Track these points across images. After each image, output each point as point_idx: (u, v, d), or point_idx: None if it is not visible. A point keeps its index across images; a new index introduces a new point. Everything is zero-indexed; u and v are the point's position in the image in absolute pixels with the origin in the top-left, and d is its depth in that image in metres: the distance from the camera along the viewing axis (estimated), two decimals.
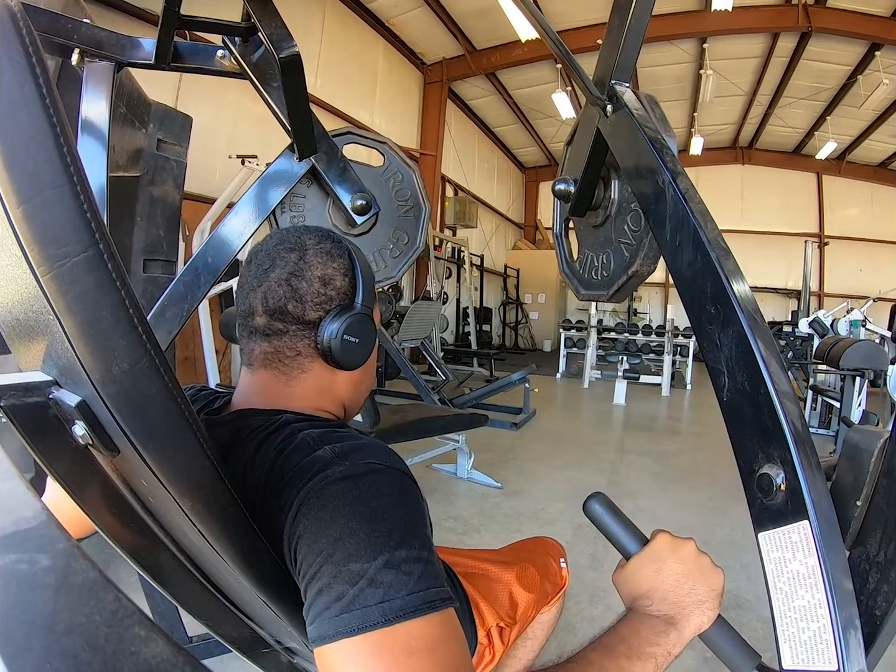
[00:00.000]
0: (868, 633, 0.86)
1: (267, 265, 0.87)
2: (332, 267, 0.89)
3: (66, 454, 0.59)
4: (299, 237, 0.90)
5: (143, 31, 5.76)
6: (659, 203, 1.03)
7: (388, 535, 0.64)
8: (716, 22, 10.13)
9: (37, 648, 0.31)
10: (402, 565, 0.62)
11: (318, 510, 0.66)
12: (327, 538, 0.64)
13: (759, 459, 0.81)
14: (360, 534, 0.63)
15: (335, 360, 0.88)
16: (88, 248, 0.47)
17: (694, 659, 2.24)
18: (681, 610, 0.81)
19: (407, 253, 1.92)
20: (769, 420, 0.78)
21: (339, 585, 0.61)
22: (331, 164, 1.77)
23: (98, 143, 1.55)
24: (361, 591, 0.60)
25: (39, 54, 0.46)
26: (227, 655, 1.98)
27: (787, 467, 0.75)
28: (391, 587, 0.60)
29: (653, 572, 0.83)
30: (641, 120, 1.10)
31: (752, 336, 0.82)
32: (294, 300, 0.86)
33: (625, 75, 1.20)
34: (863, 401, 5.12)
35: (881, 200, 16.59)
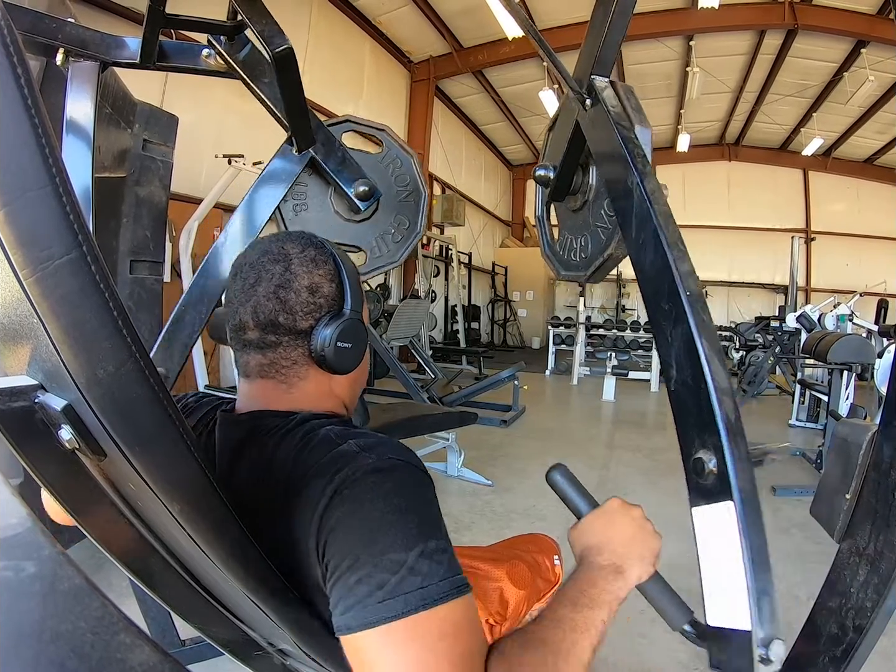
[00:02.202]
0: (858, 626, 0.87)
1: (253, 279, 0.87)
2: (318, 274, 0.89)
3: (53, 459, 0.59)
4: (282, 247, 0.89)
5: (129, 30, 5.72)
6: (626, 201, 1.07)
7: (420, 527, 0.70)
8: (702, 19, 10.17)
9: (23, 657, 0.31)
10: (433, 555, 0.68)
11: (353, 502, 0.70)
12: (363, 530, 0.68)
13: (696, 445, 0.88)
14: (397, 525, 0.69)
15: (330, 367, 0.89)
16: (72, 250, 0.46)
17: (687, 653, 2.25)
18: (626, 560, 0.90)
19: (408, 237, 1.93)
20: (706, 412, 0.86)
21: (381, 574, 0.65)
22: (330, 154, 1.79)
23: (83, 143, 1.54)
24: (402, 579, 0.65)
25: (21, 54, 0.45)
26: (219, 658, 1.97)
27: (718, 454, 0.84)
28: (427, 575, 0.66)
29: (604, 527, 0.94)
30: (616, 117, 1.12)
31: (698, 336, 0.88)
32: (284, 312, 0.86)
33: (605, 70, 1.21)
34: (850, 394, 5.16)
35: (867, 196, 16.72)
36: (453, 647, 0.65)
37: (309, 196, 1.88)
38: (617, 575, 0.88)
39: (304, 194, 1.88)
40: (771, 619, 0.81)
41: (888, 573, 0.84)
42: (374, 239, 1.93)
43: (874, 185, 16.58)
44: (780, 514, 3.85)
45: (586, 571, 0.88)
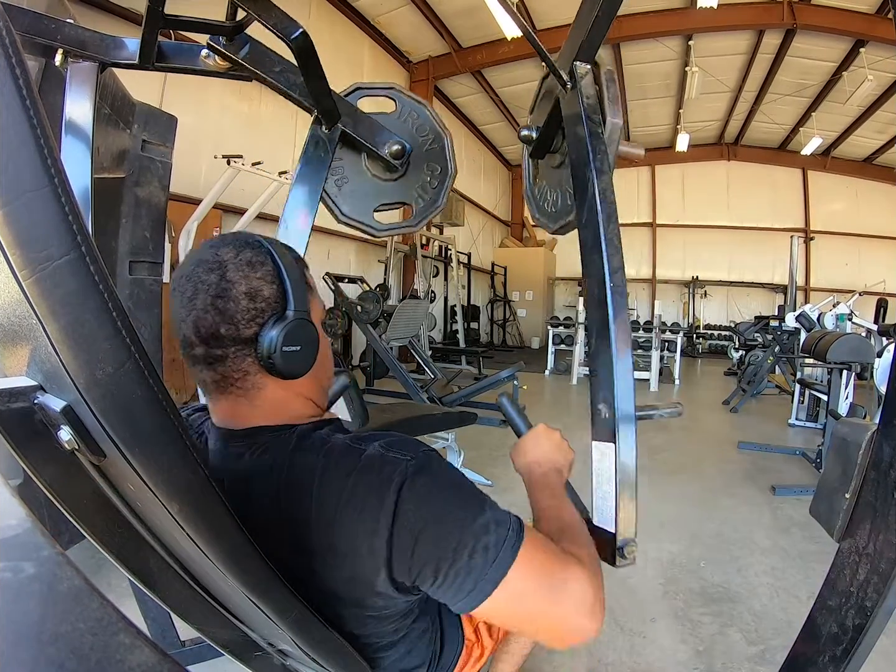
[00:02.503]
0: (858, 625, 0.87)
1: (190, 292, 0.83)
2: (255, 278, 0.85)
3: (52, 459, 0.59)
4: (216, 253, 0.85)
5: (127, 30, 5.72)
6: (581, 191, 1.27)
7: (476, 493, 0.84)
8: (701, 19, 10.19)
9: (22, 658, 0.31)
10: (495, 511, 0.82)
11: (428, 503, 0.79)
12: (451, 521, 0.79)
13: (599, 399, 1.20)
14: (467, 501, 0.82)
15: (281, 373, 0.86)
16: (70, 250, 0.47)
17: (686, 653, 2.25)
18: (557, 466, 1.18)
19: (444, 180, 1.99)
20: (608, 376, 1.16)
21: (482, 539, 0.78)
22: (357, 123, 1.83)
23: (82, 144, 1.54)
24: (497, 533, 0.79)
25: (20, 55, 0.45)
26: (219, 659, 1.97)
27: (610, 410, 1.15)
28: (503, 519, 0.81)
29: (537, 445, 1.22)
30: (589, 110, 1.27)
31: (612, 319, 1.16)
32: (225, 323, 0.83)
33: (588, 56, 1.30)
34: (850, 394, 5.16)
35: (866, 195, 16.74)
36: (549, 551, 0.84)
37: (346, 169, 1.93)
38: (558, 474, 1.17)
39: (342, 168, 1.92)
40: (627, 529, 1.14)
41: (888, 572, 0.84)
42: (415, 190, 2.00)
43: (873, 184, 16.59)
44: (780, 513, 3.85)
45: (542, 477, 1.15)
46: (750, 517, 3.77)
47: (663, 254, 18.44)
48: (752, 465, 5.00)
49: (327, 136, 1.80)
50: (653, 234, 18.43)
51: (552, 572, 0.82)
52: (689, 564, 3.02)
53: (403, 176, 1.97)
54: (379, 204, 1.98)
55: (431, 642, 1.14)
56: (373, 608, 0.89)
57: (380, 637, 0.99)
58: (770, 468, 4.88)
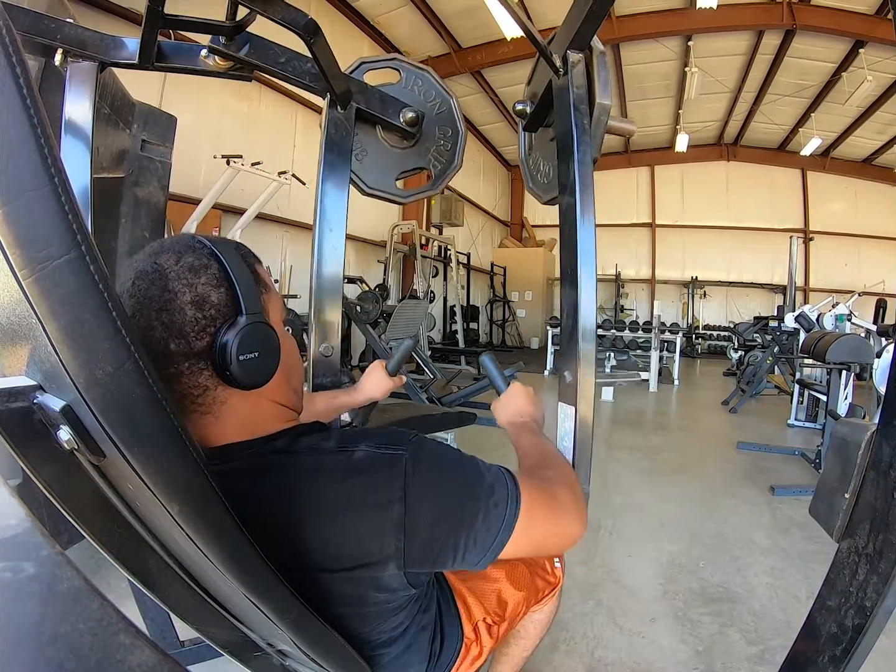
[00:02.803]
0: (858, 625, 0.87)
1: (132, 309, 0.77)
2: (200, 284, 0.78)
3: (51, 459, 0.59)
4: (155, 262, 0.79)
5: (127, 30, 5.72)
6: (565, 178, 1.35)
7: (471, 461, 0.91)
8: (701, 19, 10.20)
9: (22, 658, 0.31)
10: (485, 464, 0.91)
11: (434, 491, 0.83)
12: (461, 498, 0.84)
13: (564, 364, 1.36)
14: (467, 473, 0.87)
15: (241, 384, 0.80)
16: (70, 250, 0.46)
17: (686, 653, 2.25)
18: (533, 417, 1.35)
19: (456, 140, 2.03)
20: (573, 346, 1.31)
21: (490, 499, 0.85)
22: (369, 98, 1.88)
23: (82, 144, 1.53)
24: (500, 493, 0.86)
25: (20, 54, 0.45)
26: (219, 659, 1.97)
27: (572, 375, 1.32)
28: (499, 476, 0.89)
29: (514, 401, 1.38)
30: (577, 100, 1.32)
31: (582, 300, 1.29)
32: (173, 338, 0.77)
33: (581, 45, 1.32)
34: (849, 394, 5.16)
35: (865, 196, 16.75)
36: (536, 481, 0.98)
37: (363, 142, 1.96)
38: (535, 424, 1.32)
39: (359, 142, 1.94)
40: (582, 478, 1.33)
41: (888, 572, 0.84)
42: (431, 155, 2.03)
43: (872, 184, 16.61)
44: (780, 513, 3.85)
45: (524, 424, 1.30)
46: (749, 517, 3.76)
47: (662, 254, 18.45)
48: (751, 465, 5.00)
49: (344, 116, 1.82)
50: (652, 235, 18.44)
51: (547, 500, 0.94)
52: (688, 564, 3.02)
53: (418, 142, 2.01)
54: (399, 172, 2.01)
55: (430, 640, 1.13)
56: (373, 604, 0.90)
57: (379, 635, 0.98)
58: (769, 468, 4.88)
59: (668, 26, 10.72)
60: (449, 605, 1.26)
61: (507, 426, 1.34)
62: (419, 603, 1.07)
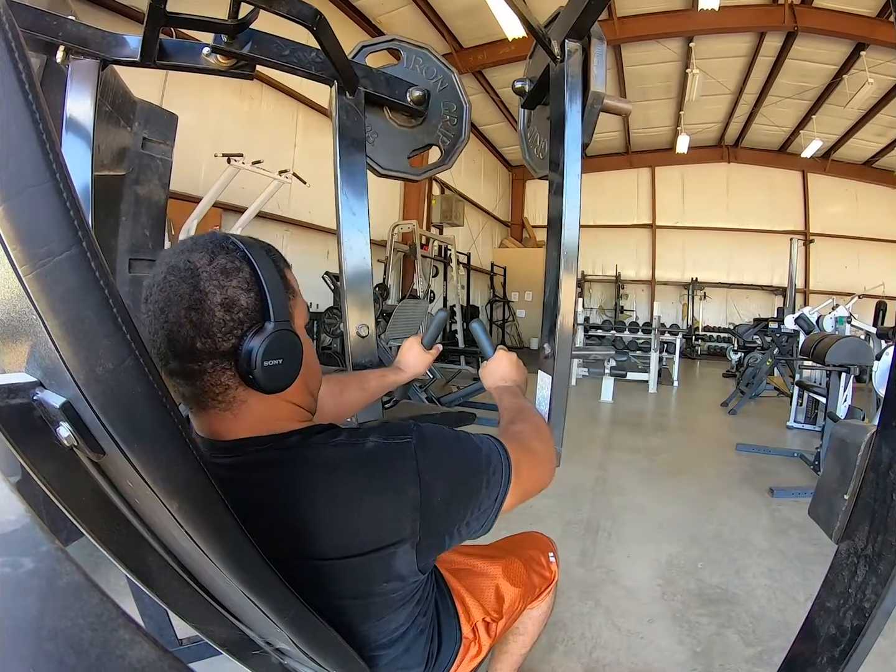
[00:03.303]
0: (857, 626, 0.87)
1: (162, 303, 0.78)
2: (231, 287, 0.80)
3: (51, 456, 0.59)
4: (188, 260, 0.80)
5: (129, 28, 5.72)
6: (555, 165, 1.39)
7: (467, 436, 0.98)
8: (703, 21, 10.20)
9: (21, 653, 0.31)
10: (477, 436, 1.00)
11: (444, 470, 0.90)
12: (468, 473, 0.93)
13: (545, 337, 1.47)
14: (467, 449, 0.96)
15: (263, 389, 0.82)
16: (71, 246, 0.46)
17: (684, 653, 2.25)
18: (517, 382, 1.50)
19: (461, 115, 2.07)
20: (554, 320, 1.41)
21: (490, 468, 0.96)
22: (376, 82, 1.87)
23: (83, 141, 1.54)
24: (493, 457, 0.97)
25: (22, 51, 0.45)
26: (217, 658, 1.96)
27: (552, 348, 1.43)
28: (491, 445, 1.00)
29: (500, 366, 1.53)
30: (571, 90, 1.33)
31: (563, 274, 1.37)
32: (200, 337, 0.78)
33: (578, 34, 1.32)
34: (849, 396, 5.16)
35: (866, 198, 16.75)
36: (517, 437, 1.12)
37: (372, 125, 1.96)
38: (518, 389, 1.46)
39: (369, 125, 1.94)
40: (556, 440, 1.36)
41: (886, 574, 0.84)
42: (439, 131, 2.05)
43: (873, 187, 16.60)
44: (779, 514, 3.85)
45: (507, 388, 1.44)
46: (748, 519, 3.76)
47: (663, 255, 18.44)
48: (750, 466, 5.00)
49: (354, 101, 1.83)
50: (652, 236, 18.44)
51: (527, 454, 1.08)
52: (687, 566, 3.02)
53: (425, 120, 2.02)
54: (411, 150, 2.03)
55: (429, 641, 1.14)
56: (380, 594, 0.92)
57: (378, 636, 0.99)
58: (768, 470, 4.89)
59: (669, 27, 10.72)
60: (447, 607, 1.26)
61: (493, 390, 1.49)
62: (420, 606, 1.07)
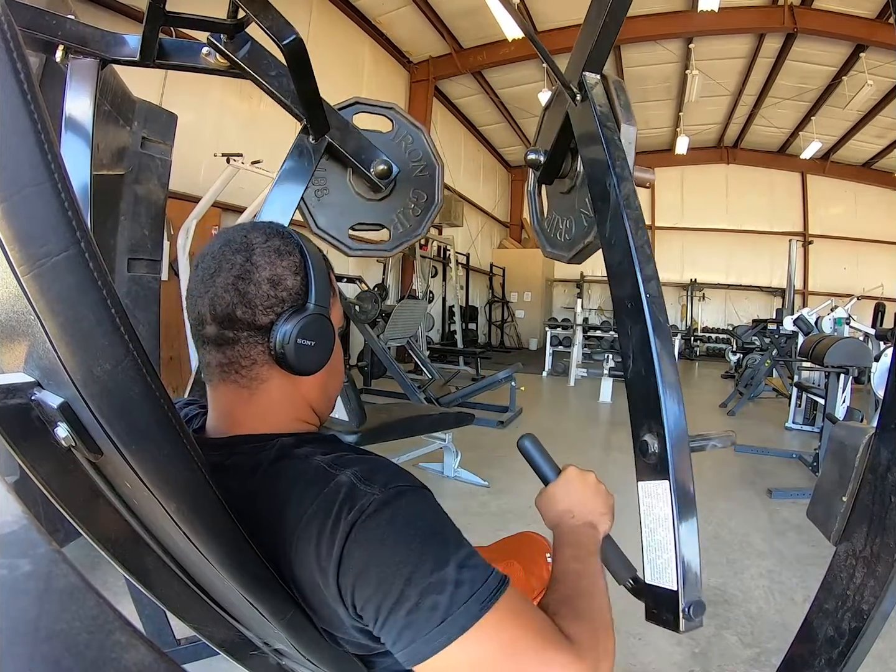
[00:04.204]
0: (855, 628, 0.87)
1: (213, 269, 0.81)
2: (281, 266, 0.83)
3: (49, 456, 0.58)
4: (245, 236, 0.84)
5: (128, 27, 5.71)
6: (604, 202, 1.16)
7: (446, 543, 0.71)
8: (702, 22, 10.18)
9: (18, 655, 0.31)
10: (468, 560, 0.70)
11: (374, 543, 0.69)
12: (397, 566, 0.67)
13: (643, 429, 1.03)
14: (426, 549, 0.69)
15: (291, 366, 0.83)
16: (69, 246, 0.46)
17: (682, 654, 2.25)
18: (595, 517, 1.05)
19: (428, 209, 1.96)
20: (654, 402, 1.00)
21: (430, 598, 0.66)
22: (346, 138, 1.81)
23: (82, 140, 1.53)
24: (454, 594, 0.66)
25: (21, 49, 0.45)
26: (215, 658, 1.96)
27: (660, 440, 0.99)
28: (472, 581, 0.68)
29: (568, 493, 1.08)
30: (602, 118, 1.19)
31: (653, 334, 1.01)
32: (243, 305, 0.80)
33: (597, 66, 1.26)
34: (847, 397, 5.17)
35: (865, 200, 16.77)
36: (526, 627, 0.70)
37: (329, 180, 1.91)
38: (592, 530, 1.02)
39: (325, 179, 1.89)
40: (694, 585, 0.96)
41: (885, 576, 0.84)
42: (396, 215, 1.95)
43: (872, 188, 16.62)
44: (777, 516, 3.86)
45: (570, 533, 1.01)
46: (746, 520, 3.77)
47: (662, 256, 18.42)
48: (748, 468, 5.00)
49: (313, 147, 1.77)
50: (651, 237, 18.35)
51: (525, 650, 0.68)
52: None
53: (387, 198, 1.93)
54: (356, 222, 1.95)
55: None
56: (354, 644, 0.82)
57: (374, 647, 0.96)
58: (767, 471, 4.89)
59: (669, 29, 10.71)
60: None
61: (553, 528, 1.06)
62: None
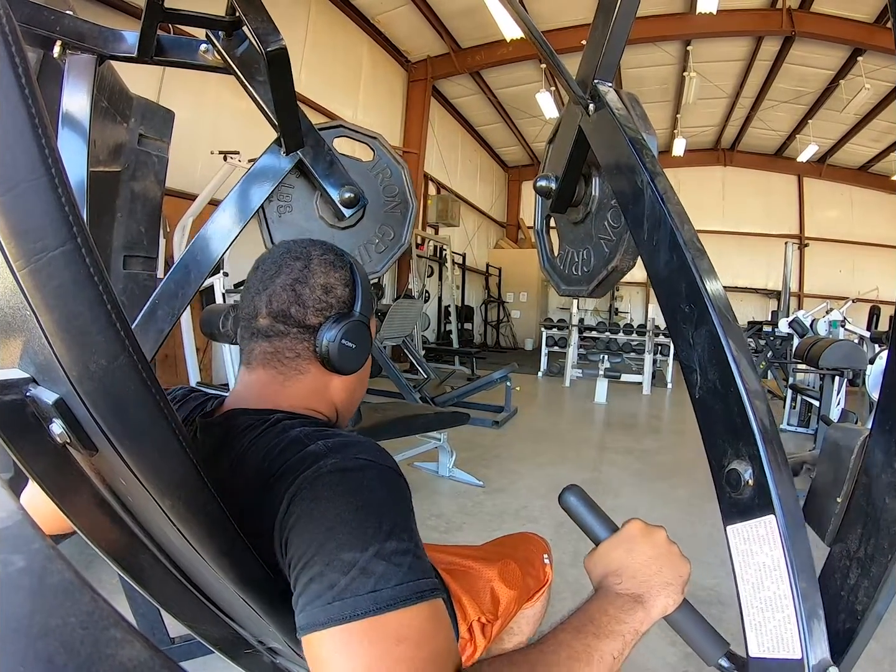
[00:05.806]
0: (849, 629, 0.87)
1: (273, 271, 0.93)
2: (334, 277, 0.94)
3: (44, 453, 0.58)
4: (305, 248, 0.95)
5: (126, 23, 5.70)
6: (637, 203, 1.05)
7: (378, 528, 0.66)
8: (700, 25, 10.19)
9: (12, 651, 0.31)
10: (391, 556, 0.64)
11: (311, 501, 0.68)
12: (319, 527, 0.66)
13: (728, 455, 0.81)
14: (351, 524, 0.66)
15: (331, 364, 0.92)
16: (66, 242, 0.46)
17: (676, 655, 2.25)
18: (648, 588, 0.82)
19: (392, 248, 1.92)
20: (738, 418, 0.79)
21: (332, 574, 0.63)
22: (318, 158, 1.77)
23: (79, 136, 1.53)
24: (353, 581, 0.62)
25: (19, 44, 0.45)
26: (209, 656, 1.96)
27: (755, 463, 0.77)
28: (382, 577, 0.63)
29: (624, 552, 0.86)
30: (622, 119, 1.10)
31: (724, 336, 0.83)
32: (297, 304, 0.91)
33: (608, 74, 1.20)
34: (842, 399, 5.18)
35: (861, 203, 16.82)
36: (413, 652, 0.61)
37: (294, 199, 1.86)
38: (635, 605, 0.81)
39: (290, 196, 1.85)
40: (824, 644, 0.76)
41: (878, 576, 0.84)
42: (358, 248, 1.90)
43: (868, 192, 16.67)
44: None
45: (598, 599, 0.82)
46: None
47: None
48: None
49: (282, 160, 1.74)
50: None
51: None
52: None
53: (351, 228, 1.88)
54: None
55: None
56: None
57: None
58: None
59: (667, 31, 10.71)
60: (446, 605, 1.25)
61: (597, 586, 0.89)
62: None
